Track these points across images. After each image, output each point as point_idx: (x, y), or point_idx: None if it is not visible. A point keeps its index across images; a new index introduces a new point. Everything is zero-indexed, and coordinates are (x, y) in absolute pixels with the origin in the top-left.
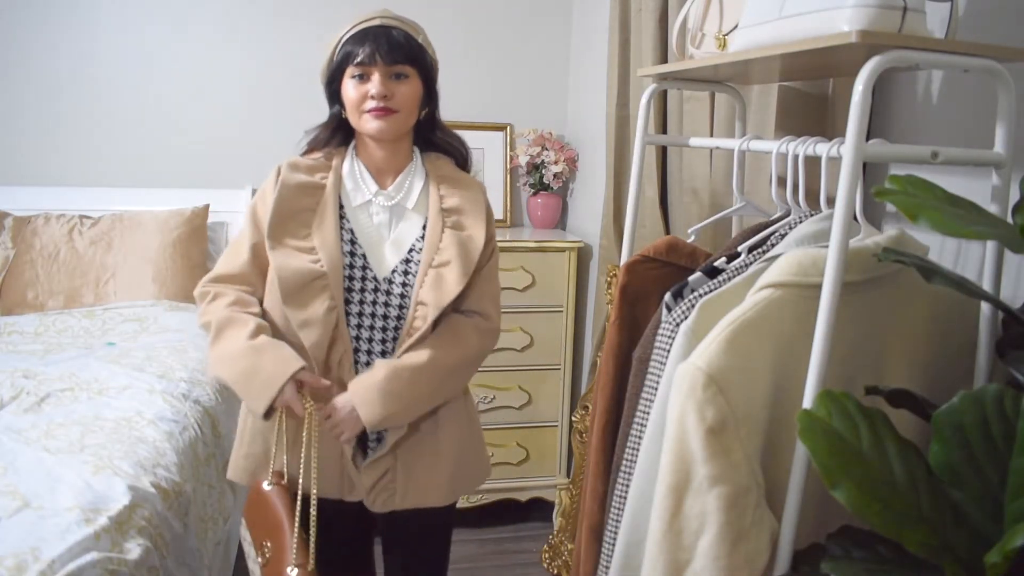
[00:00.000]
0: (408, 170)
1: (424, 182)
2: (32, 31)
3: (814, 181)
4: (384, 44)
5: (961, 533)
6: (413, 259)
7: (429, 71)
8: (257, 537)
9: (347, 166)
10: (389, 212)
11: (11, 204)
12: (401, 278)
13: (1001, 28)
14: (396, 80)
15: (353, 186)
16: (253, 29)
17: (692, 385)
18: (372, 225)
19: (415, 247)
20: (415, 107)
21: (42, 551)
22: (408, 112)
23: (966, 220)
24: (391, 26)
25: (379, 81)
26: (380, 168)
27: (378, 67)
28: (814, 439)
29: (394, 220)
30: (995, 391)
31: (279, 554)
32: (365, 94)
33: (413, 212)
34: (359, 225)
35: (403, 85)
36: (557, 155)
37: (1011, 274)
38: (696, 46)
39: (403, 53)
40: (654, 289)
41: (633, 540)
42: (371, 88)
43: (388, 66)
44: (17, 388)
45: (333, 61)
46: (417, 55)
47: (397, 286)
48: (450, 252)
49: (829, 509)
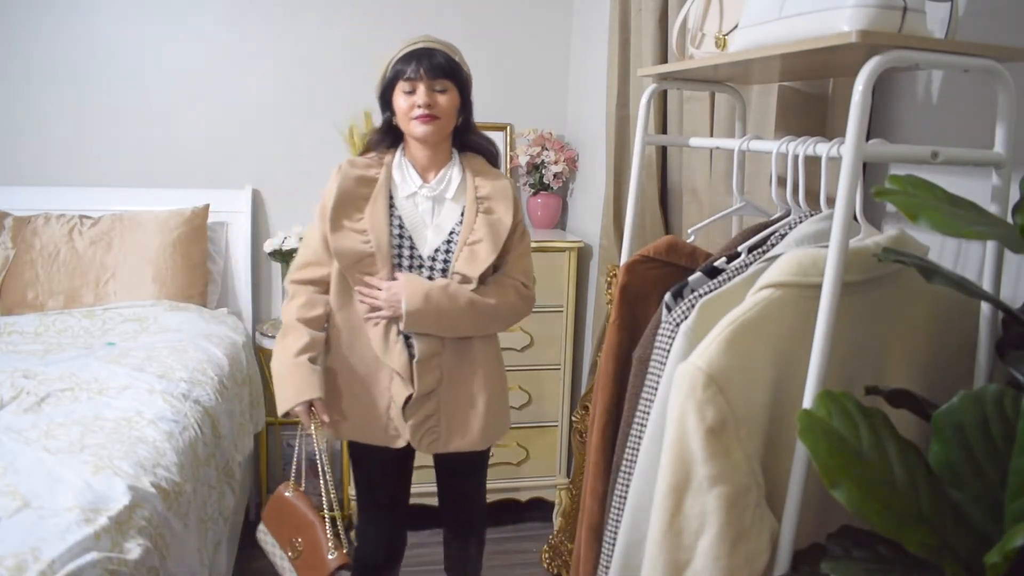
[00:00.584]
0: (448, 167)
1: (462, 176)
2: (32, 31)
3: (814, 181)
4: (427, 63)
5: (961, 533)
6: (453, 240)
7: (464, 84)
8: (284, 536)
9: (396, 163)
10: (432, 202)
11: (11, 204)
12: (443, 256)
13: (1001, 28)
14: (438, 92)
15: (401, 180)
16: (253, 29)
17: (692, 385)
18: (417, 213)
19: (455, 230)
20: (454, 114)
21: (42, 551)
22: (448, 118)
23: (966, 220)
24: (433, 48)
25: (424, 93)
26: (424, 165)
27: (423, 82)
28: (814, 439)
29: (436, 208)
30: (995, 391)
31: (313, 546)
32: (413, 104)
33: (452, 202)
34: (406, 212)
35: (443, 96)
36: (557, 155)
37: (1011, 274)
38: (696, 46)
39: (443, 70)
40: (654, 289)
41: (633, 540)
42: (418, 99)
43: (431, 80)
44: (17, 388)
45: (386, 77)
46: (455, 72)
47: (440, 263)
48: (482, 232)
49: (829, 509)
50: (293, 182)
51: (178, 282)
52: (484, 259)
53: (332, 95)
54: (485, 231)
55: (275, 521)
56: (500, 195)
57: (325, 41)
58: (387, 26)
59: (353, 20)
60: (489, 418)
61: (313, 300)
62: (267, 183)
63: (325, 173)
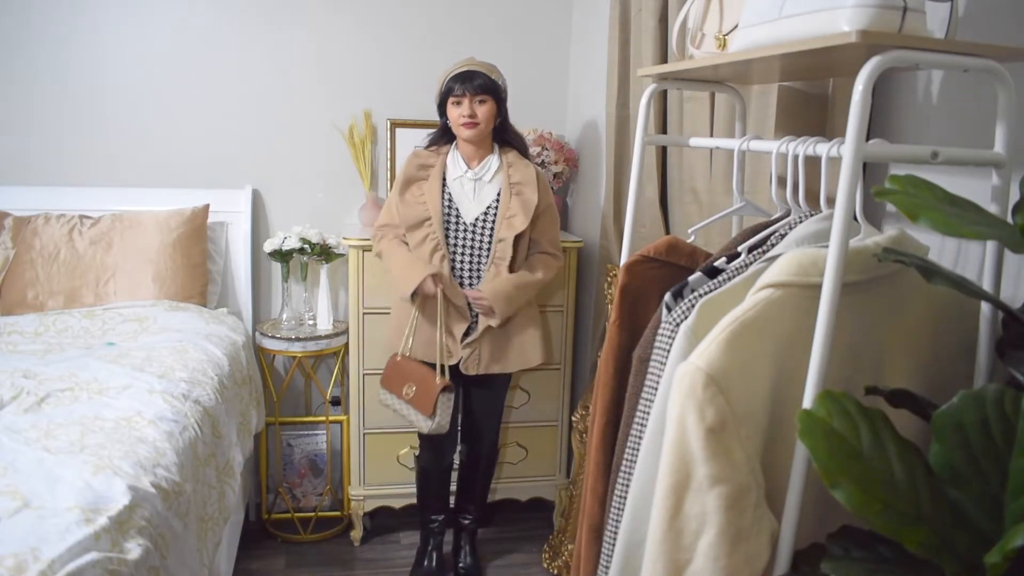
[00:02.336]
0: (488, 157)
1: (499, 165)
2: (33, 33)
3: (814, 181)
4: (470, 82)
5: (961, 533)
6: (489, 213)
7: (500, 96)
8: (396, 387)
9: (450, 154)
10: (474, 183)
11: (11, 204)
12: (482, 222)
13: (1001, 28)
14: (479, 104)
15: (452, 166)
16: (254, 30)
17: (692, 385)
18: (463, 191)
19: (491, 205)
20: (491, 120)
21: (42, 551)
22: (486, 124)
23: (966, 220)
24: (476, 71)
25: (468, 105)
26: (469, 156)
27: (467, 97)
28: (814, 439)
29: (477, 187)
30: (995, 391)
31: (424, 385)
32: (460, 114)
33: (490, 184)
34: (454, 190)
35: (483, 107)
36: (557, 155)
37: (1011, 274)
38: (696, 46)
39: (483, 88)
40: (654, 289)
41: (633, 540)
42: (463, 110)
43: (473, 96)
44: (17, 388)
45: (441, 92)
46: (492, 88)
47: (479, 227)
48: (516, 208)
49: (829, 509)
50: (293, 182)
51: (178, 282)
52: (518, 227)
53: (332, 95)
54: (518, 208)
55: (390, 382)
56: (528, 181)
57: (326, 41)
58: (388, 27)
59: (353, 20)
60: (523, 350)
61: (400, 238)
62: (267, 183)
63: (325, 173)
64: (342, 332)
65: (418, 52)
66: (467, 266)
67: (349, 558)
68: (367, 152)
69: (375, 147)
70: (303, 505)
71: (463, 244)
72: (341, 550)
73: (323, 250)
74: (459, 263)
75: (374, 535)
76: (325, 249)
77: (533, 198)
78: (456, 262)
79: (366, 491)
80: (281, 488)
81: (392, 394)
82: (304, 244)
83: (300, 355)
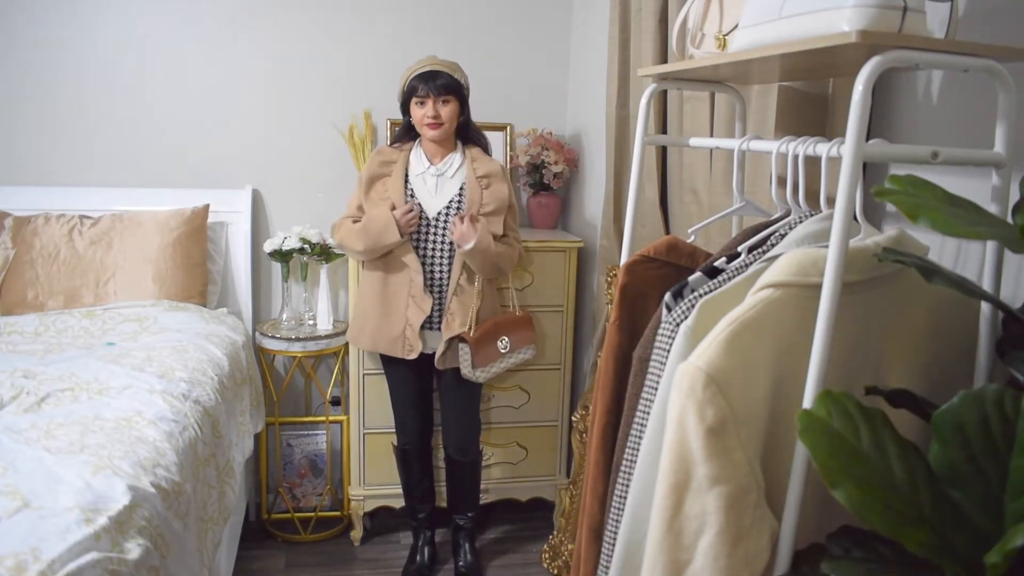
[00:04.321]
0: (451, 154)
1: (461, 161)
2: (33, 32)
3: (814, 181)
4: (434, 84)
5: (961, 533)
6: (451, 207)
7: (463, 95)
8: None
9: (414, 151)
10: (436, 178)
11: (11, 204)
12: (444, 216)
13: (1001, 28)
14: (443, 104)
15: (416, 162)
16: (253, 30)
17: (692, 385)
18: (425, 186)
19: (453, 199)
20: (455, 119)
21: (42, 551)
22: (450, 123)
23: (966, 220)
24: (439, 70)
25: (431, 105)
26: (432, 152)
27: (431, 98)
28: (814, 439)
29: (439, 183)
30: (995, 391)
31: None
32: (424, 114)
33: (451, 179)
34: (416, 186)
35: (446, 107)
36: (557, 155)
37: (1011, 274)
38: (696, 46)
39: (446, 87)
40: (654, 289)
41: (633, 540)
42: (427, 111)
43: (437, 96)
44: (17, 388)
45: (404, 92)
46: (455, 87)
47: (442, 221)
48: (492, 204)
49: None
50: (293, 182)
51: (178, 282)
52: (496, 223)
53: (332, 95)
54: (491, 198)
55: (482, 353)
56: (495, 174)
57: (325, 41)
58: (388, 26)
59: (353, 20)
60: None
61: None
62: (267, 183)
63: (325, 173)
64: (342, 332)
65: (418, 52)
66: (429, 259)
67: (349, 558)
68: (367, 152)
69: (375, 147)
70: (303, 505)
71: (424, 238)
72: (341, 550)
73: (323, 250)
74: (422, 257)
75: (374, 535)
76: (325, 249)
77: (504, 191)
78: (421, 256)
79: (366, 491)
80: (281, 488)
81: (489, 365)
82: (304, 244)
83: (300, 355)
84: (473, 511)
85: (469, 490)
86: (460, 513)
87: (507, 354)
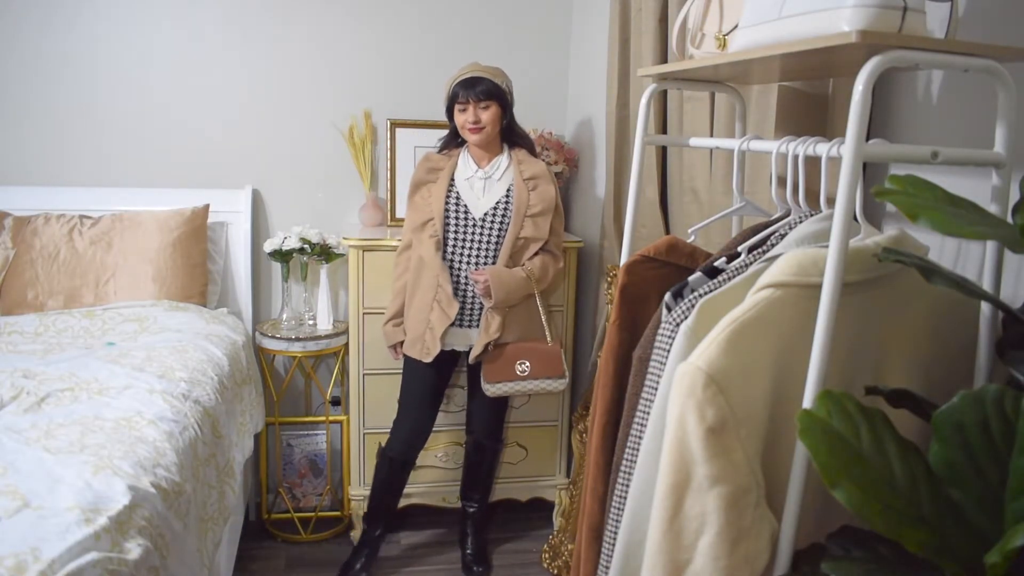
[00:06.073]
0: (498, 157)
1: (508, 163)
2: (33, 32)
3: (814, 181)
4: (474, 89)
5: (961, 533)
6: (499, 208)
7: (505, 99)
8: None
9: (461, 156)
10: (483, 181)
11: (11, 204)
12: (491, 217)
13: (1001, 28)
14: (484, 109)
15: (463, 167)
16: (254, 30)
17: (692, 385)
18: (472, 190)
19: (500, 201)
20: (497, 123)
21: (42, 551)
22: (492, 127)
23: (966, 220)
24: (480, 76)
25: (472, 111)
26: (478, 156)
27: (472, 103)
28: (814, 439)
29: (487, 185)
30: (995, 391)
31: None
32: (466, 119)
33: (499, 181)
34: (463, 189)
35: (488, 112)
36: (557, 155)
37: (1011, 274)
38: (696, 46)
39: (487, 93)
40: (654, 289)
41: (633, 540)
42: (468, 116)
43: (477, 102)
44: (17, 388)
45: (448, 98)
46: (496, 92)
47: (488, 221)
48: (539, 205)
49: (829, 509)
50: (293, 182)
51: (178, 282)
52: (544, 228)
53: (332, 95)
54: (538, 202)
55: (497, 373)
56: (542, 175)
57: (326, 41)
58: (388, 27)
59: (354, 20)
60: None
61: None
62: (267, 183)
63: (325, 173)
64: (342, 332)
65: (418, 52)
66: (474, 261)
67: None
68: (367, 152)
69: (375, 147)
70: (303, 505)
71: (470, 239)
72: (341, 550)
73: (323, 250)
74: (466, 258)
75: None
76: (325, 249)
77: (551, 190)
78: (464, 258)
79: (366, 491)
80: (281, 488)
81: (502, 383)
82: (304, 244)
83: (300, 355)
84: (484, 497)
85: (487, 474)
86: (470, 499)
87: (525, 378)
